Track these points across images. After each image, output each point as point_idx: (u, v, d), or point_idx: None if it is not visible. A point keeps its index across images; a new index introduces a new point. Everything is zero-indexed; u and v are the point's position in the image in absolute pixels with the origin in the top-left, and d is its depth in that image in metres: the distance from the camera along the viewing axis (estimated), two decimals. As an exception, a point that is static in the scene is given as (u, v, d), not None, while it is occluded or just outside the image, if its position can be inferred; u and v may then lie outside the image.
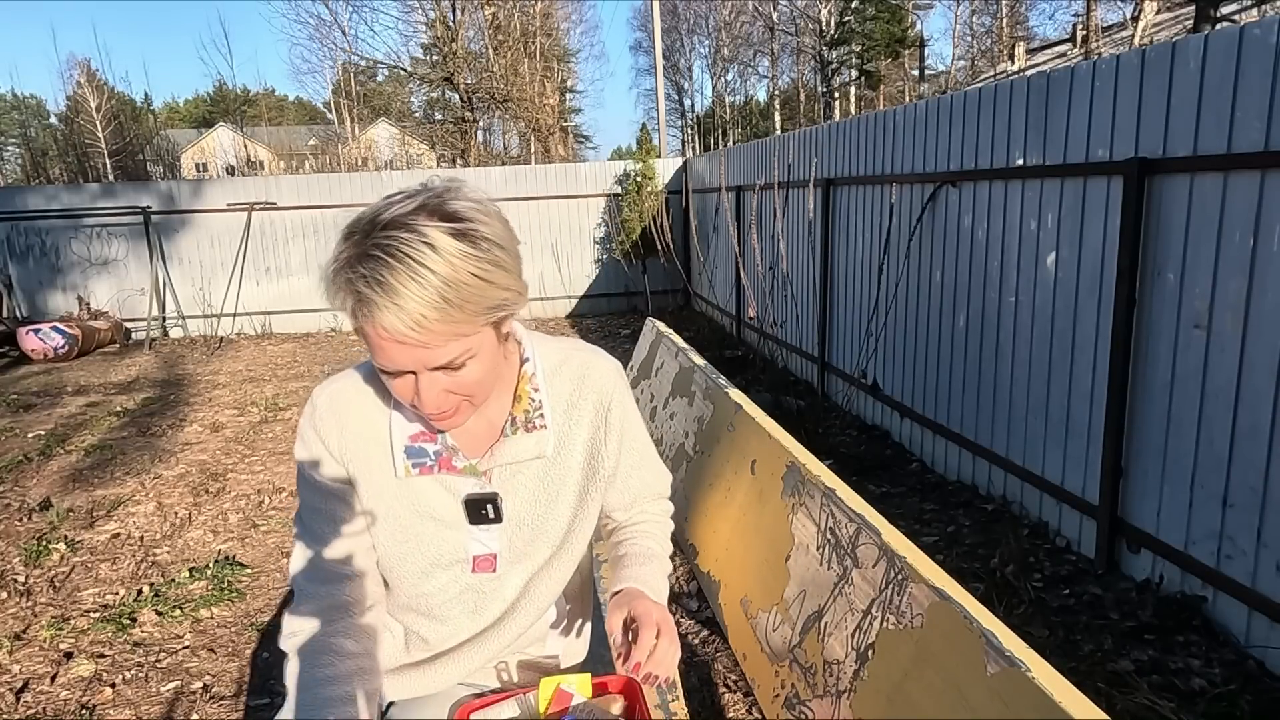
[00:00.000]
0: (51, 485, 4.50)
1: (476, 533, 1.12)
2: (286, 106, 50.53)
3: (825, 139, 5.35)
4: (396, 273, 0.84)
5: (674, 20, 39.59)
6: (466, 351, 0.92)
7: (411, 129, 27.73)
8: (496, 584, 1.15)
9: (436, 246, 0.85)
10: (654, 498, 1.28)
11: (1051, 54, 25.68)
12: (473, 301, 0.88)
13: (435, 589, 1.13)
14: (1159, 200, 2.70)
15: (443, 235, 0.86)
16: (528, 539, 1.14)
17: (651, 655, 1.02)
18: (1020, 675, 0.69)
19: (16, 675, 2.66)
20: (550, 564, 1.17)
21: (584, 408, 1.15)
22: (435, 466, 1.08)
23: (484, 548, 1.13)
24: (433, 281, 0.84)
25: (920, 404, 4.29)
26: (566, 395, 1.14)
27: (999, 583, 2.89)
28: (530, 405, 1.10)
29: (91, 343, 8.71)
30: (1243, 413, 2.43)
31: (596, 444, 1.16)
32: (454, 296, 0.86)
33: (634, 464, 1.22)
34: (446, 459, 1.08)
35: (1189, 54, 2.54)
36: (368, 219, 0.88)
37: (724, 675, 2.51)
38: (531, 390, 1.11)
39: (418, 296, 0.84)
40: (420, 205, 0.89)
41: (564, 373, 1.14)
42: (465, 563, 1.12)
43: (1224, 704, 2.21)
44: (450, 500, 1.10)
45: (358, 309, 0.86)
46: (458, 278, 0.86)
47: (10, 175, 39.67)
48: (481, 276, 0.88)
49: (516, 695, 1.13)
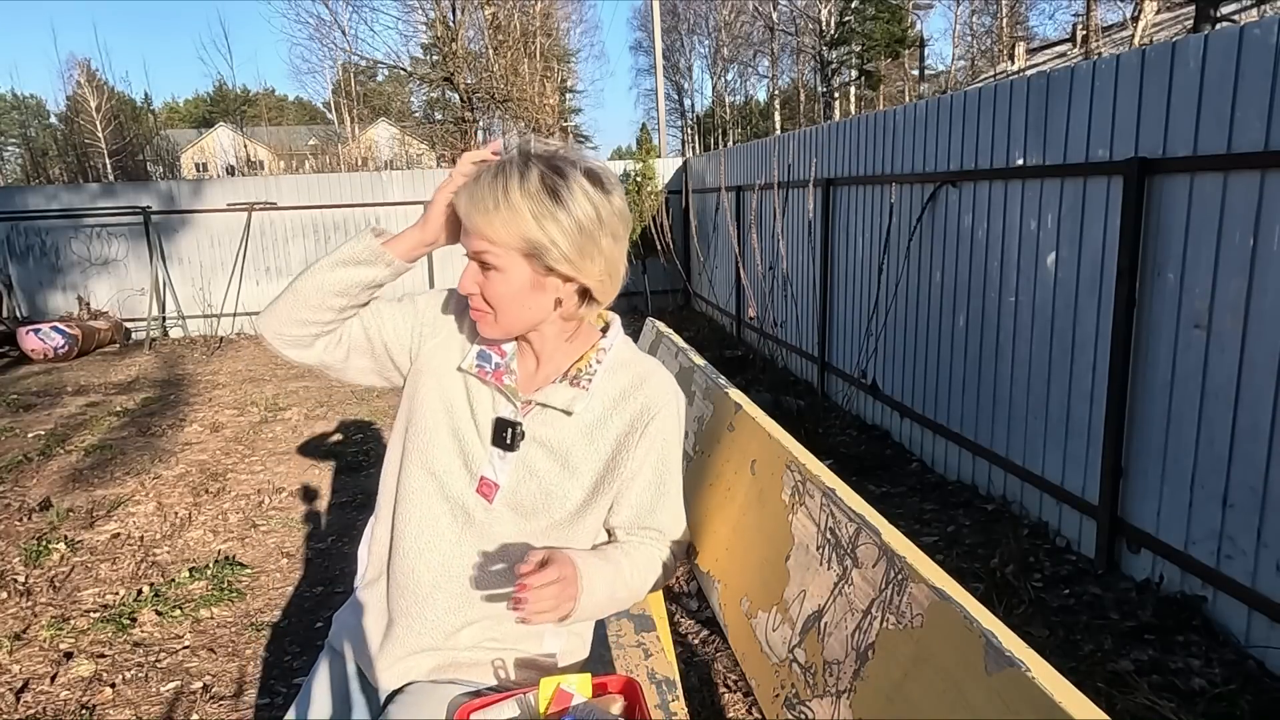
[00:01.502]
0: (51, 485, 4.50)
1: (493, 454, 1.20)
2: (286, 106, 50.51)
3: (825, 139, 5.35)
4: (511, 176, 1.08)
5: (674, 20, 39.58)
6: (490, 253, 1.10)
7: (411, 129, 27.72)
8: (488, 518, 1.19)
9: (525, 178, 1.07)
10: (656, 532, 1.27)
11: (1051, 54, 25.68)
12: (515, 224, 1.07)
13: (441, 475, 1.20)
14: (1159, 200, 2.70)
15: (536, 176, 1.08)
16: (532, 493, 1.18)
17: (538, 590, 1.03)
18: (1020, 675, 0.69)
19: (16, 675, 2.66)
20: (548, 539, 1.20)
21: (629, 406, 1.20)
22: (491, 374, 1.21)
23: (493, 472, 1.20)
24: (514, 196, 1.07)
25: (920, 404, 4.29)
26: (621, 387, 1.21)
27: (999, 583, 2.89)
28: (586, 368, 1.21)
29: (91, 343, 8.71)
30: (1243, 412, 2.43)
31: (627, 444, 1.20)
32: (519, 214, 1.07)
33: (651, 483, 1.23)
34: (500, 374, 1.21)
35: (1189, 54, 2.54)
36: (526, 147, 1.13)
37: (724, 675, 2.51)
38: (595, 360, 1.21)
39: (504, 199, 1.07)
40: (544, 151, 1.12)
41: (630, 370, 1.23)
42: (474, 477, 1.20)
43: (1224, 704, 2.21)
44: (488, 412, 1.21)
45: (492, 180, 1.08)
46: (535, 209, 1.07)
47: (10, 175, 39.66)
48: (535, 214, 1.07)
49: (516, 695, 1.13)
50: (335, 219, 9.52)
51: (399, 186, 9.54)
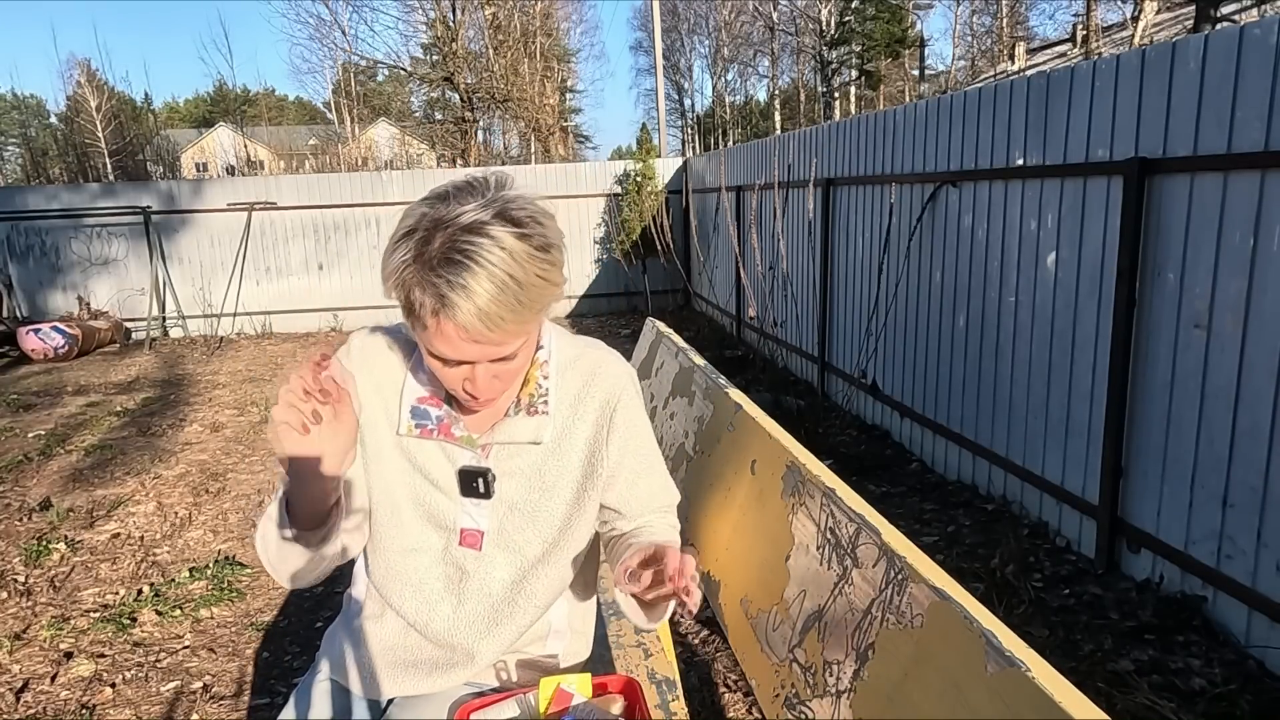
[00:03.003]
0: (52, 485, 4.50)
1: (467, 505, 1.14)
2: (286, 106, 50.52)
3: (825, 139, 5.35)
4: (479, 278, 0.89)
5: (674, 20, 39.57)
6: (524, 343, 1.01)
7: (411, 129, 27.73)
8: (481, 566, 1.15)
9: (512, 253, 0.91)
10: (661, 511, 1.23)
11: (1051, 54, 25.68)
12: (539, 301, 0.96)
13: (422, 549, 1.14)
14: (1159, 200, 2.70)
15: (516, 241, 0.92)
16: (518, 525, 1.15)
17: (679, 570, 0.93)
18: (1020, 675, 0.69)
19: (16, 675, 2.66)
20: (545, 560, 1.17)
21: (589, 405, 1.15)
22: (436, 431, 1.12)
23: (473, 522, 1.14)
24: (510, 286, 0.91)
25: (920, 404, 4.29)
26: (575, 390, 1.15)
27: (999, 583, 2.89)
28: (536, 390, 1.13)
29: (91, 342, 8.71)
30: (1243, 412, 2.43)
31: (598, 443, 1.16)
32: (525, 298, 0.93)
33: (638, 470, 1.18)
34: (447, 425, 1.12)
35: (1189, 54, 2.54)
36: (437, 219, 0.92)
37: (724, 675, 2.51)
38: (541, 377, 1.14)
39: (498, 300, 0.90)
40: (491, 210, 0.93)
41: (577, 368, 1.16)
42: (453, 532, 1.15)
43: (1224, 704, 2.21)
44: (446, 466, 1.13)
45: (439, 308, 0.90)
46: (529, 280, 0.92)
47: (10, 175, 39.67)
48: (545, 277, 0.95)
49: (516, 695, 1.13)
50: (335, 219, 9.52)
51: (399, 186, 9.54)
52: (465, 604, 1.16)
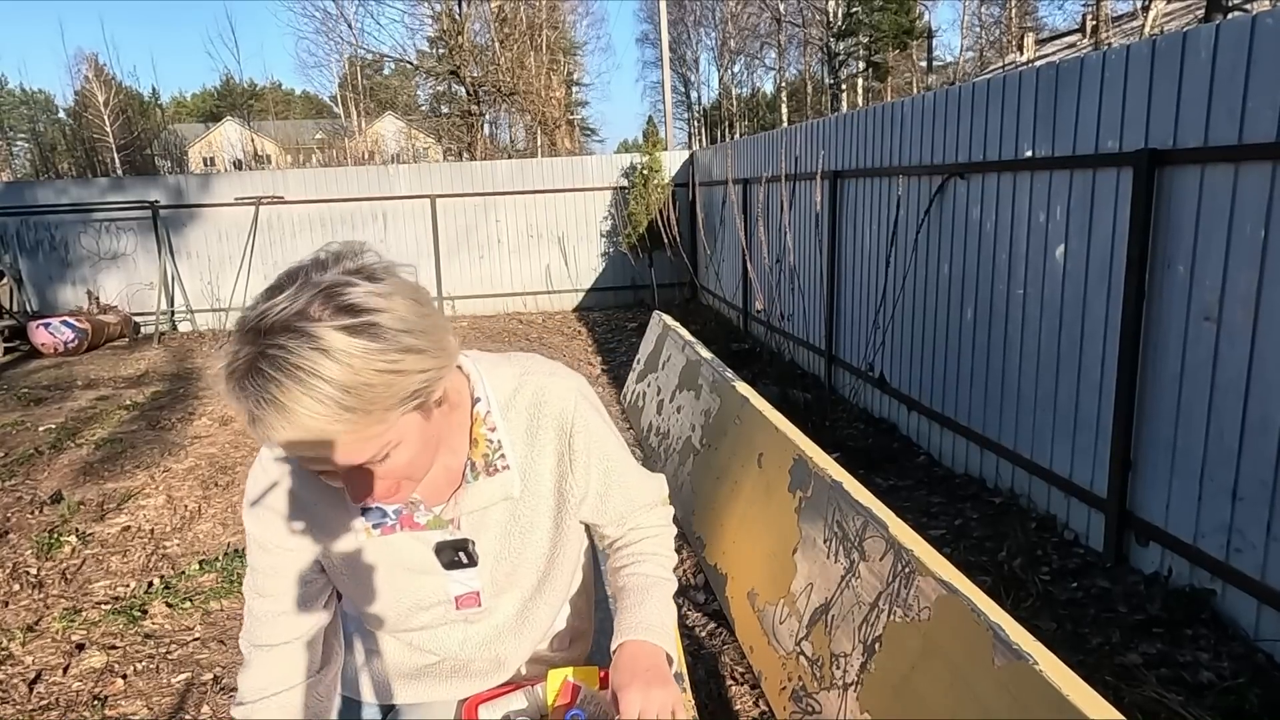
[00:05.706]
0: (62, 478, 4.53)
1: (454, 575, 1.09)
2: (293, 100, 50.57)
3: (832, 131, 5.32)
4: (286, 390, 0.75)
5: (680, 12, 39.45)
6: (386, 445, 0.84)
7: (418, 122, 27.73)
8: (483, 614, 1.14)
9: (330, 351, 0.75)
10: (645, 509, 1.22)
11: (1061, 45, 25.49)
12: (381, 400, 0.80)
13: (421, 625, 1.12)
14: (1169, 191, 2.68)
15: (337, 335, 0.76)
16: (508, 572, 1.12)
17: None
18: (1028, 668, 0.69)
19: (29, 666, 2.69)
20: (542, 588, 1.16)
21: (545, 436, 1.08)
22: (396, 525, 1.04)
23: (464, 587, 1.10)
24: (329, 393, 0.76)
25: (928, 397, 4.28)
26: (524, 426, 1.07)
27: (1006, 576, 2.89)
28: (489, 448, 1.04)
29: (101, 337, 8.75)
30: (1253, 405, 2.42)
31: (563, 472, 1.10)
32: (357, 403, 0.77)
33: (610, 484, 1.14)
34: (408, 516, 1.04)
35: (1200, 44, 2.52)
36: (255, 317, 0.78)
37: (731, 667, 2.52)
38: (488, 431, 1.04)
39: (314, 412, 0.76)
40: (310, 298, 0.77)
41: (518, 403, 1.07)
42: (448, 603, 1.11)
43: (1233, 697, 2.21)
44: (422, 549, 1.06)
45: (253, 427, 0.78)
46: (360, 380, 0.77)
47: (19, 170, 39.82)
48: (389, 370, 0.79)
49: (524, 687, 1.14)
50: (342, 213, 9.53)
51: (405, 180, 9.54)
52: (474, 643, 1.16)
